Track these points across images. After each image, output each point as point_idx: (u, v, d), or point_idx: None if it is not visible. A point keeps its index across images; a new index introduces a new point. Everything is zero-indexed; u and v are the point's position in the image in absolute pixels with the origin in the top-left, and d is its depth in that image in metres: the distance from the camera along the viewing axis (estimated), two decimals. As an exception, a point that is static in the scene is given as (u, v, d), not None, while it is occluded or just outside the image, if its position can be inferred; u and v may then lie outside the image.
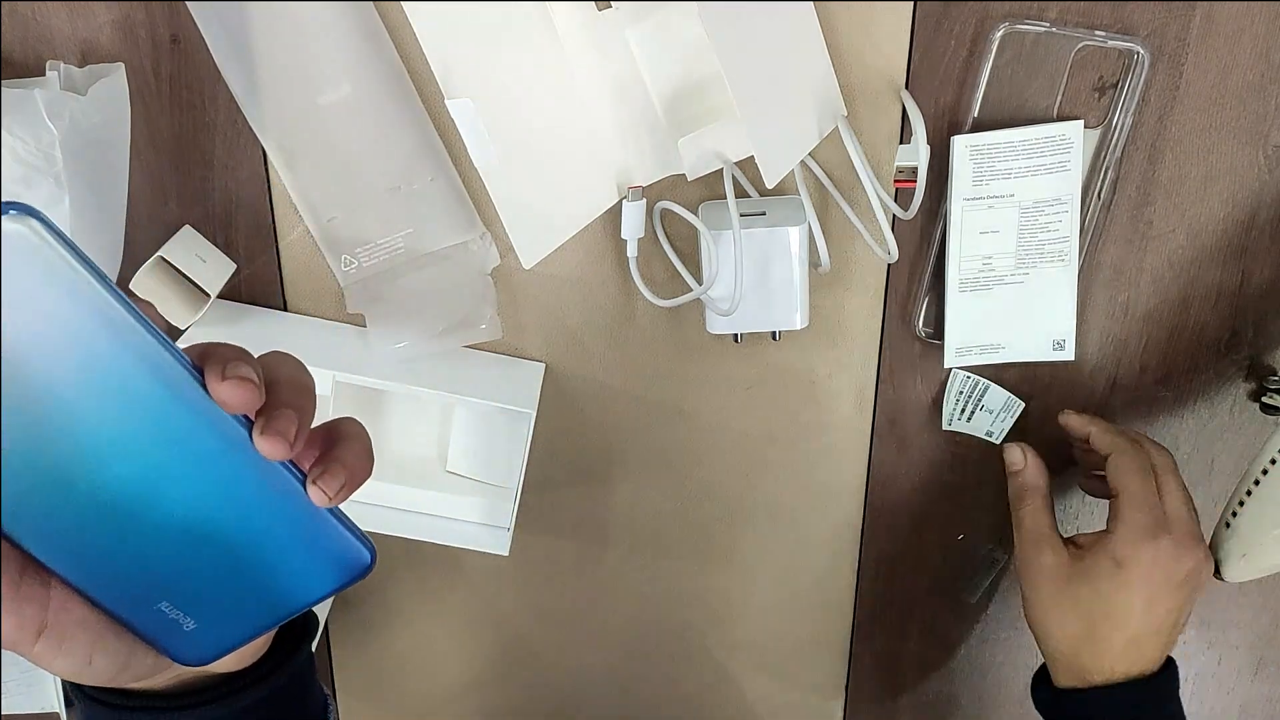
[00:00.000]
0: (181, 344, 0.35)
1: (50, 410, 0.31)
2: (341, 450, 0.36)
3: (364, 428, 0.38)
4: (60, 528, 0.33)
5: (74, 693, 0.42)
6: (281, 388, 0.35)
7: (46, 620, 0.34)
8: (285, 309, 0.63)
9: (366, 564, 0.37)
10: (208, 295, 0.58)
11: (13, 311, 0.29)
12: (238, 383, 0.32)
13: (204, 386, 0.32)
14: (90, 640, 0.35)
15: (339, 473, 0.35)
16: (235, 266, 0.60)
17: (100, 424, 0.32)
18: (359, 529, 0.37)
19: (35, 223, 0.28)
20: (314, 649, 0.48)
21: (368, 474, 0.37)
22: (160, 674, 0.39)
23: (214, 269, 0.59)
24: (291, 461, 0.35)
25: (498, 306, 0.62)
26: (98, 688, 0.40)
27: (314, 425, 0.37)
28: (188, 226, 0.59)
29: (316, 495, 0.35)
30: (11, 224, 0.28)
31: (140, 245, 0.58)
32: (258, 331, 0.61)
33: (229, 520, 0.35)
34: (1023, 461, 0.65)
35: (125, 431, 0.32)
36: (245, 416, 0.33)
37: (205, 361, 0.32)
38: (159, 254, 0.57)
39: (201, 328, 0.59)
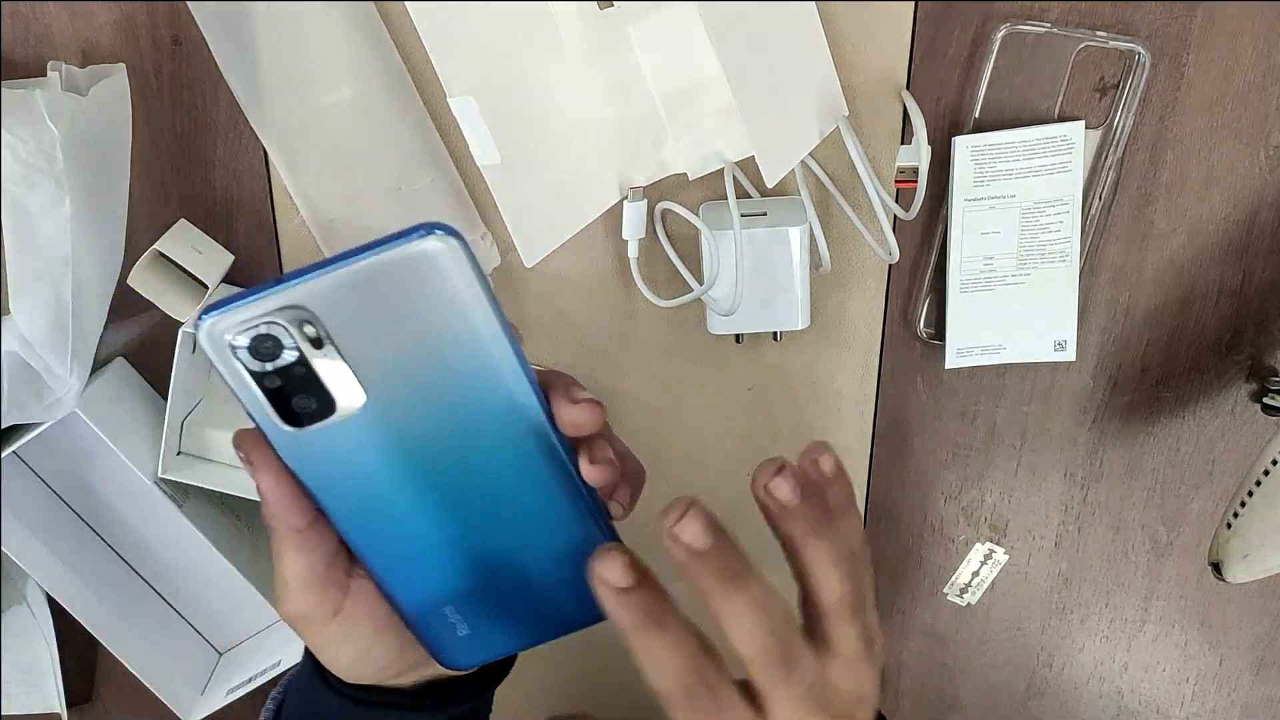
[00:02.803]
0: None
1: (403, 410, 0.32)
2: (634, 483, 0.40)
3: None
4: (378, 521, 0.35)
5: (307, 688, 0.42)
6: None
7: (344, 605, 0.36)
8: (286, 309, 0.63)
9: None
10: (206, 287, 0.58)
11: (414, 321, 0.31)
12: (587, 405, 0.34)
13: (546, 411, 0.34)
14: (374, 633, 0.37)
15: (631, 499, 0.39)
16: (232, 258, 0.60)
17: (444, 431, 0.33)
18: None
19: (456, 243, 0.30)
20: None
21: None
22: (406, 675, 0.41)
23: (211, 261, 0.59)
24: (596, 493, 0.36)
25: (498, 307, 0.62)
26: (349, 684, 0.40)
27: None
28: (183, 220, 0.59)
29: (617, 510, 0.38)
30: (438, 243, 0.29)
31: (141, 245, 0.58)
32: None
33: (527, 539, 0.36)
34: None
35: (463, 444, 0.33)
36: (571, 447, 0.35)
37: (551, 388, 0.34)
38: (155, 247, 0.57)
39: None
